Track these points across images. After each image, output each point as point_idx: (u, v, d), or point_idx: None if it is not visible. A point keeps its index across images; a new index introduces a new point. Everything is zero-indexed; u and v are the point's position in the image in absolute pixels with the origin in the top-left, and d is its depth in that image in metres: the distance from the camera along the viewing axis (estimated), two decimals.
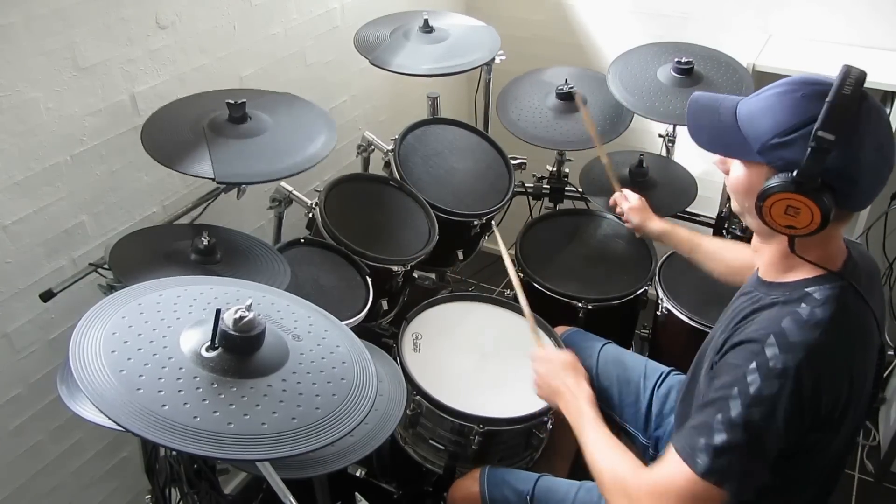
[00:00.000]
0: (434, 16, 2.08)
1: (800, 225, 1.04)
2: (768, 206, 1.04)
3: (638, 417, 1.64)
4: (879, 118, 1.03)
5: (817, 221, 1.02)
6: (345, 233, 1.73)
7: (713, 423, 1.04)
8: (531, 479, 1.49)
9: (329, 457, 1.26)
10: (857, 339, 1.08)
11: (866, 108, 1.01)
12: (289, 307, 1.17)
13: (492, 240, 2.00)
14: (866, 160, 1.01)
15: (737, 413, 1.02)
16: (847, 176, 1.01)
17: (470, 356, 1.72)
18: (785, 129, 1.02)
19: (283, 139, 1.55)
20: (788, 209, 1.03)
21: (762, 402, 1.02)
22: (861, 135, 1.00)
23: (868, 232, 2.21)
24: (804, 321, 1.04)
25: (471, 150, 2.16)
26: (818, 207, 1.01)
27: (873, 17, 2.18)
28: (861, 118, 1.00)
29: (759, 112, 1.07)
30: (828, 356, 1.03)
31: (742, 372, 1.04)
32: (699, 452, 1.04)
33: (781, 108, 1.04)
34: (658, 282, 1.95)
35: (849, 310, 1.07)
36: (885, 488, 2.27)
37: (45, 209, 1.54)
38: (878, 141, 1.02)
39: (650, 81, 2.01)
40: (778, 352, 1.02)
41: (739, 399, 1.03)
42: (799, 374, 1.01)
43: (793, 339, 1.03)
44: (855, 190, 1.03)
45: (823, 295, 1.07)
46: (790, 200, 1.02)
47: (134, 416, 0.88)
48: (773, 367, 1.02)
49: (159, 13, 1.65)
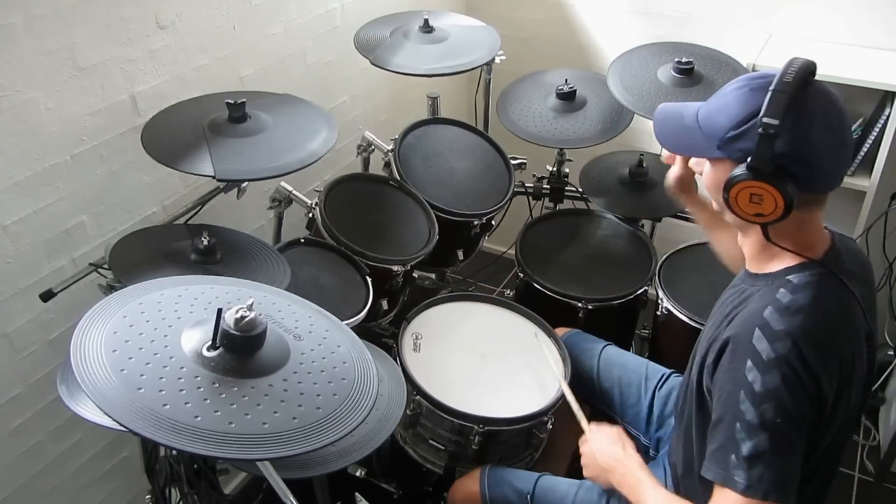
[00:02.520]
0: (434, 16, 2.08)
1: (766, 212, 1.07)
2: (734, 197, 1.08)
3: (639, 419, 1.65)
4: (827, 101, 1.06)
5: (781, 206, 1.05)
6: (345, 233, 1.73)
7: (735, 434, 1.06)
8: (532, 478, 1.49)
9: (329, 457, 1.26)
10: (839, 323, 1.10)
11: (812, 92, 1.05)
12: (290, 307, 1.17)
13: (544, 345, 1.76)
14: (818, 141, 1.04)
15: (752, 415, 1.04)
16: (800, 158, 1.04)
17: (470, 356, 1.72)
18: (737, 121, 1.07)
19: (283, 137, 1.55)
20: (753, 197, 1.07)
21: (769, 395, 1.04)
22: (808, 117, 1.03)
23: (868, 232, 2.21)
24: (784, 307, 1.07)
25: (471, 150, 2.16)
26: (778, 191, 1.04)
27: (873, 17, 2.19)
28: (806, 102, 1.04)
29: (715, 110, 1.12)
30: (813, 338, 1.06)
31: (741, 374, 1.06)
32: (733, 471, 1.06)
33: (735, 103, 1.09)
34: (658, 282, 1.95)
35: (827, 294, 1.10)
36: (885, 488, 2.27)
37: (45, 209, 1.54)
38: (828, 122, 1.05)
39: (650, 81, 2.01)
40: (767, 344, 1.05)
41: (749, 401, 1.05)
42: (790, 359, 1.04)
43: (777, 328, 1.06)
44: (813, 172, 1.06)
45: (802, 280, 1.10)
46: (751, 188, 1.06)
47: (135, 416, 0.88)
48: (767, 358, 1.04)
49: (159, 13, 1.65)
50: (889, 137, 2.04)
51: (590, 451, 1.40)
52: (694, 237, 2.11)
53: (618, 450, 1.36)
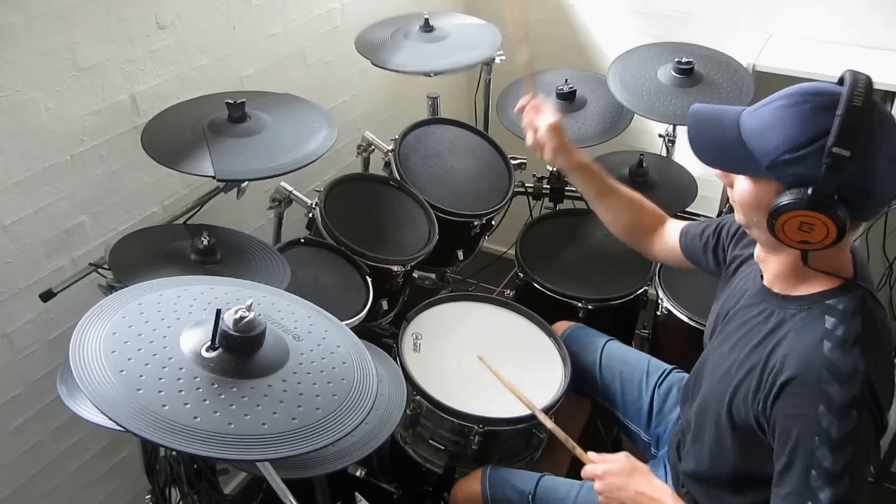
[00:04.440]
0: (434, 16, 2.08)
1: (814, 240, 1.02)
2: (781, 223, 1.02)
3: (640, 415, 1.65)
4: (892, 126, 1.00)
5: (833, 236, 1.00)
6: (345, 233, 1.73)
7: (811, 482, 1.00)
8: (533, 478, 1.49)
9: (329, 457, 1.26)
10: (888, 343, 1.07)
11: (878, 117, 0.98)
12: (289, 307, 1.17)
13: None
14: (881, 172, 0.99)
15: (829, 462, 0.99)
16: (862, 189, 0.99)
17: (470, 356, 1.72)
18: (795, 144, 0.99)
19: (283, 137, 1.55)
20: (803, 225, 1.01)
21: (847, 439, 0.99)
22: (875, 147, 0.97)
23: (868, 232, 2.21)
24: (843, 341, 1.02)
25: (471, 150, 2.16)
26: (834, 223, 0.99)
27: (873, 16, 2.18)
28: (874, 129, 0.97)
29: (766, 126, 1.03)
30: (879, 370, 1.02)
31: (813, 419, 1.01)
32: None
33: (791, 122, 1.00)
34: (658, 282, 1.95)
35: (875, 317, 1.06)
36: (885, 488, 2.27)
37: (45, 209, 1.54)
38: (893, 151, 0.99)
39: (650, 81, 2.01)
40: (839, 387, 1.00)
41: (826, 447, 1.00)
42: (865, 399, 1.00)
43: (845, 368, 1.00)
44: (871, 201, 1.02)
45: (847, 307, 1.05)
46: (805, 217, 1.00)
47: (134, 417, 0.88)
48: (842, 402, 0.99)
49: (159, 13, 1.65)
50: None
51: (607, 488, 1.27)
52: None
53: (640, 482, 1.25)
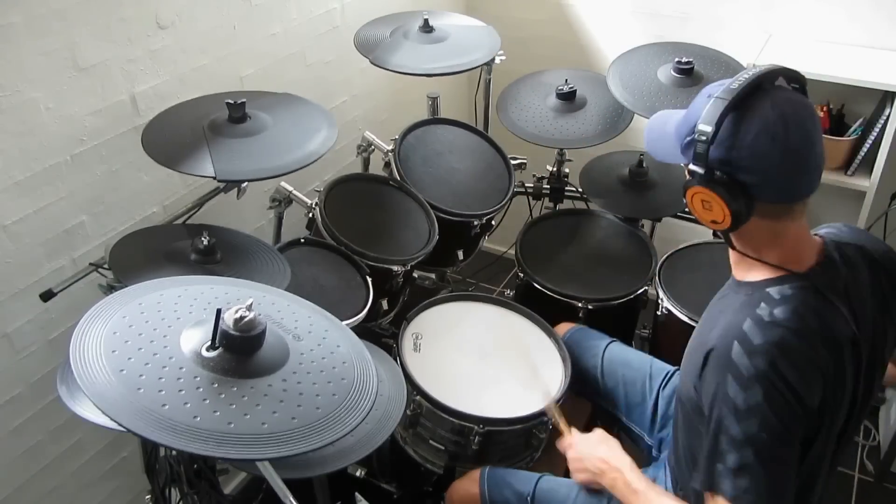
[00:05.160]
0: (434, 16, 2.08)
1: (718, 219, 1.07)
2: (689, 201, 1.11)
3: (644, 418, 1.64)
4: (772, 107, 1.03)
5: (728, 213, 1.05)
6: (345, 233, 1.73)
7: (721, 446, 1.06)
8: (532, 479, 1.49)
9: (329, 457, 1.26)
10: (819, 337, 1.08)
11: (757, 99, 1.04)
12: (289, 307, 1.17)
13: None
14: (758, 149, 1.03)
15: (736, 430, 1.05)
16: (740, 166, 1.04)
17: (470, 356, 1.72)
18: (691, 127, 1.08)
19: (283, 137, 1.55)
20: (704, 203, 1.08)
21: (752, 412, 1.04)
22: (744, 124, 1.03)
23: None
24: (764, 322, 1.07)
25: (471, 150, 2.16)
26: (720, 198, 1.05)
27: (874, 16, 2.18)
28: (748, 109, 1.03)
29: (683, 117, 1.14)
30: (792, 352, 1.05)
31: (723, 389, 1.06)
32: (720, 479, 1.06)
33: (693, 111, 1.10)
34: (658, 282, 1.95)
35: (808, 307, 1.09)
36: (885, 488, 2.27)
37: (45, 209, 1.54)
38: (771, 130, 1.03)
39: (650, 81, 2.01)
40: (747, 359, 1.05)
41: (732, 415, 1.05)
42: (770, 377, 1.03)
43: (756, 342, 1.05)
44: (756, 179, 1.05)
45: (782, 294, 1.09)
46: (700, 194, 1.07)
47: (135, 416, 0.88)
48: (747, 374, 1.04)
49: (159, 13, 1.65)
50: (889, 137, 2.04)
51: (577, 456, 1.40)
52: (694, 237, 2.11)
53: (604, 450, 1.35)
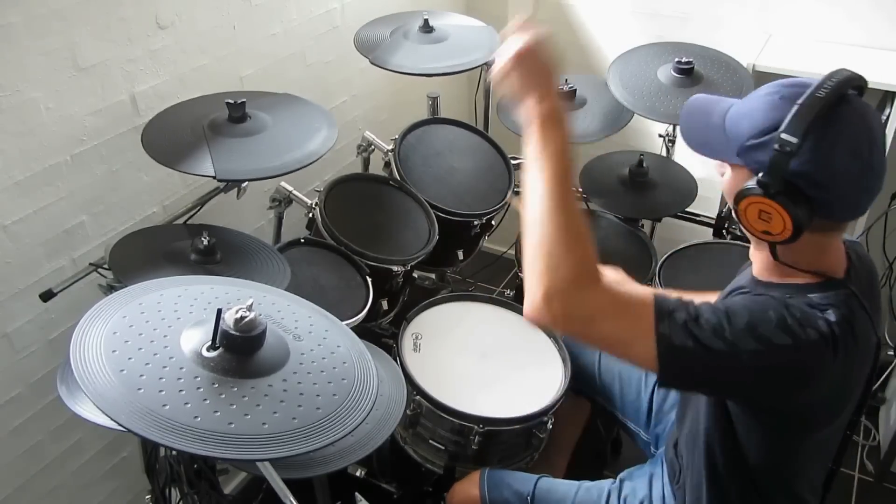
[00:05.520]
0: (434, 16, 2.07)
1: (774, 231, 1.01)
2: (743, 210, 1.03)
3: (639, 414, 1.64)
4: (861, 122, 0.99)
5: (789, 228, 0.99)
6: (345, 233, 1.73)
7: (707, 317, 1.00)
8: (531, 480, 1.49)
9: (329, 457, 1.26)
10: (856, 353, 1.05)
11: (845, 111, 0.98)
12: (289, 307, 1.17)
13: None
14: (839, 166, 0.97)
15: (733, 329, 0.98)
16: (817, 181, 0.98)
17: (470, 356, 1.72)
18: (759, 130, 1.01)
19: (283, 137, 1.55)
20: (761, 214, 1.01)
21: (759, 340, 0.98)
22: (832, 139, 0.97)
23: (868, 232, 2.21)
24: (819, 316, 1.01)
25: (471, 150, 2.16)
26: (787, 213, 0.98)
27: (874, 16, 2.18)
28: (834, 122, 0.97)
29: (741, 114, 1.06)
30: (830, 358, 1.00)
31: (765, 314, 1.00)
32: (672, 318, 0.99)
33: (760, 110, 1.02)
34: (658, 282, 1.95)
35: (854, 317, 1.03)
36: (885, 488, 2.27)
37: (45, 209, 1.54)
38: (855, 146, 0.98)
39: (650, 81, 2.01)
40: (798, 324, 0.98)
41: (745, 325, 0.98)
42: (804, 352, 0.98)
43: (810, 322, 0.99)
44: (831, 197, 0.99)
45: (828, 301, 1.03)
46: (761, 205, 1.00)
47: (135, 416, 0.88)
48: (791, 326, 0.98)
49: (159, 13, 1.65)
50: (889, 137, 2.04)
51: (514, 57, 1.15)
52: (694, 237, 2.11)
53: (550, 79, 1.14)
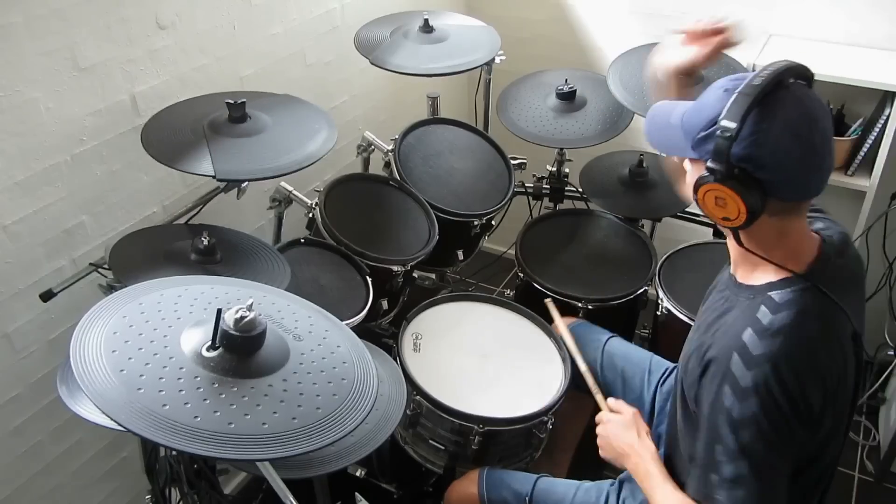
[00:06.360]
0: (434, 16, 2.08)
1: (731, 216, 1.05)
2: (701, 198, 1.07)
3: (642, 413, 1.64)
4: (799, 105, 1.03)
5: (744, 212, 1.03)
6: (345, 233, 1.73)
7: (716, 456, 1.07)
8: (530, 480, 1.49)
9: (329, 457, 1.26)
10: (821, 339, 1.08)
11: (782, 96, 1.03)
12: (289, 307, 1.17)
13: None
14: (780, 147, 1.02)
15: (731, 441, 1.05)
16: (761, 163, 1.02)
17: (470, 356, 1.72)
18: (707, 122, 1.06)
19: (283, 137, 1.55)
20: (717, 200, 1.05)
21: (746, 423, 1.04)
22: (769, 122, 1.01)
23: (868, 232, 2.21)
24: (763, 330, 1.05)
25: (471, 150, 2.16)
26: (739, 196, 1.03)
27: (874, 16, 2.18)
28: (772, 106, 1.02)
29: (692, 110, 1.11)
30: (793, 361, 1.04)
31: (720, 398, 1.06)
32: (715, 489, 1.08)
33: (708, 105, 1.08)
34: (658, 282, 1.95)
35: (808, 311, 1.07)
36: (885, 488, 2.27)
37: (45, 209, 1.54)
38: (794, 128, 1.02)
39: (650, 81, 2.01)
40: (745, 369, 1.04)
41: (728, 426, 1.05)
42: (768, 387, 1.03)
43: (755, 353, 1.04)
44: (776, 177, 1.03)
45: (783, 298, 1.08)
46: (714, 191, 1.05)
47: (135, 416, 0.88)
48: (744, 386, 1.04)
49: (159, 13, 1.65)
50: (889, 137, 2.04)
51: (605, 434, 1.40)
52: (694, 237, 2.11)
53: (633, 436, 1.35)
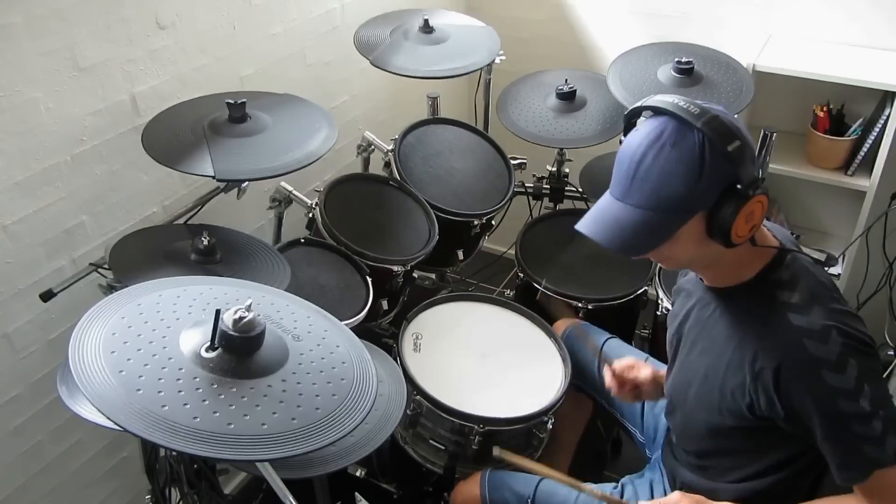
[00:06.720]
0: (434, 15, 2.07)
1: (758, 221, 1.11)
2: (736, 231, 1.08)
3: (636, 415, 1.65)
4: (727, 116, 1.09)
5: (766, 205, 1.10)
6: (345, 233, 1.73)
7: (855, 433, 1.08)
8: (532, 482, 1.49)
9: (329, 457, 1.26)
10: (833, 287, 1.17)
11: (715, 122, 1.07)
12: (288, 307, 1.17)
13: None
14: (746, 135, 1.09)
15: (860, 407, 1.07)
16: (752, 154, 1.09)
17: (470, 356, 1.72)
18: (693, 177, 1.06)
19: (283, 137, 1.55)
20: (748, 217, 1.08)
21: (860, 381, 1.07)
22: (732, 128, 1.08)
23: (868, 232, 2.21)
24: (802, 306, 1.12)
25: (471, 150, 2.16)
26: (764, 195, 1.08)
27: (874, 16, 2.18)
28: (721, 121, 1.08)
29: (657, 188, 1.08)
30: (841, 314, 1.11)
31: (823, 386, 1.08)
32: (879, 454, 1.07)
33: (672, 169, 1.07)
34: (658, 282, 1.95)
35: (811, 270, 1.17)
36: None
37: (45, 209, 1.54)
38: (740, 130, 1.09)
39: (650, 81, 2.01)
40: (822, 345, 1.08)
41: (849, 399, 1.07)
42: (851, 345, 1.08)
43: (818, 328, 1.09)
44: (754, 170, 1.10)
45: (789, 274, 1.16)
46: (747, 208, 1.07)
47: (134, 417, 0.88)
48: (836, 359, 1.07)
49: (159, 13, 1.65)
50: (889, 137, 2.03)
51: None
52: None
53: None
